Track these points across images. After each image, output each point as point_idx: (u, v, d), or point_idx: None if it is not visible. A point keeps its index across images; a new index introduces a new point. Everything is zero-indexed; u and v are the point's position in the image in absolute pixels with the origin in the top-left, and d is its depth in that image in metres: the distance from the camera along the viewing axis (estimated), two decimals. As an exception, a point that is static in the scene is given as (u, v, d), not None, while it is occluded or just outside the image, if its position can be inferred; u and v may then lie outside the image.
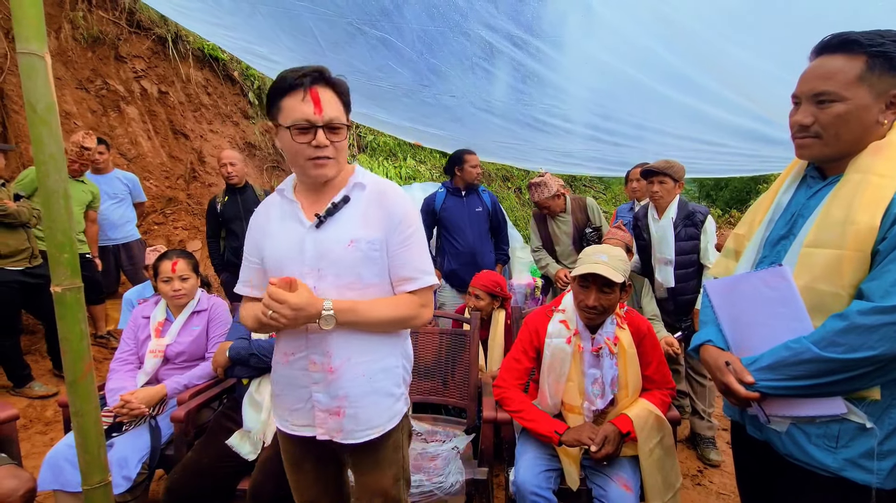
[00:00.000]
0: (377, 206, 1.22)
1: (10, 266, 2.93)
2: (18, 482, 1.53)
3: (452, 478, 1.83)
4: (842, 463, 0.99)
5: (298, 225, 1.21)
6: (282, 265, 1.20)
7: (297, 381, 1.22)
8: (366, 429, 1.22)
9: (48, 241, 0.92)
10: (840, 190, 1.02)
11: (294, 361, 1.22)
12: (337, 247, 1.18)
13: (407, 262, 1.23)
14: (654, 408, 1.71)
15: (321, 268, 1.18)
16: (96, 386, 0.99)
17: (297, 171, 1.24)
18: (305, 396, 1.22)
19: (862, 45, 0.99)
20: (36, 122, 0.88)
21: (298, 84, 1.14)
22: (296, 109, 1.14)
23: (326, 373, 1.19)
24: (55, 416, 3.04)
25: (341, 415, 1.20)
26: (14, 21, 0.87)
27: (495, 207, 3.54)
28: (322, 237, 1.19)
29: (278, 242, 1.22)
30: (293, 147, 1.16)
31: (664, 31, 2.37)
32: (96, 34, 4.47)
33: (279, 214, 1.26)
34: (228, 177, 3.48)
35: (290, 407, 1.25)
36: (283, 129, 1.16)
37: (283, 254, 1.21)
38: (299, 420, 1.25)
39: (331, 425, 1.21)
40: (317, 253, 1.18)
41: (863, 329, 0.92)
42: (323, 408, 1.21)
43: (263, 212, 1.31)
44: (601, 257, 1.69)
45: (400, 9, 2.54)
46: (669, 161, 2.70)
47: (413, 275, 1.24)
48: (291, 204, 1.25)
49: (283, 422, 1.29)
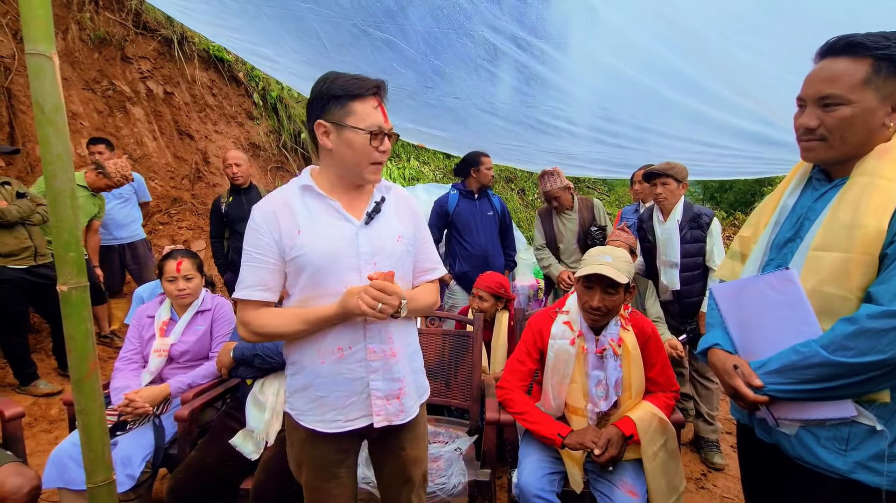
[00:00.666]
0: (404, 205, 1.36)
1: (12, 265, 2.94)
2: (23, 480, 1.54)
3: (455, 479, 1.83)
4: (852, 465, 0.99)
5: (346, 223, 1.24)
6: (335, 261, 1.21)
7: (352, 375, 1.24)
8: (415, 403, 1.35)
9: (54, 241, 0.92)
10: (847, 193, 1.02)
11: (350, 355, 1.24)
12: (389, 241, 1.27)
13: (429, 255, 1.41)
14: (658, 411, 1.70)
15: (377, 262, 1.25)
16: (101, 384, 0.99)
17: (348, 171, 1.25)
18: (360, 388, 1.25)
19: (867, 48, 0.99)
20: (43, 123, 0.88)
21: (371, 93, 1.21)
22: (370, 115, 1.20)
23: (388, 359, 1.27)
24: (60, 415, 3.06)
25: (401, 397, 1.29)
26: (22, 22, 0.88)
27: (504, 211, 3.54)
28: (373, 233, 1.26)
29: (326, 239, 1.21)
30: (364, 149, 1.20)
31: (668, 33, 2.36)
32: (103, 35, 4.50)
33: (309, 212, 1.23)
34: (234, 177, 3.49)
35: (342, 404, 1.25)
36: (353, 129, 1.19)
37: (334, 250, 1.21)
38: (353, 413, 1.25)
39: (390, 410, 1.27)
40: (372, 248, 1.25)
41: (873, 333, 0.91)
42: (382, 394, 1.26)
43: (284, 211, 1.22)
44: (605, 258, 1.68)
45: (404, 10, 2.55)
46: (671, 163, 2.69)
47: (434, 266, 1.42)
48: (325, 201, 1.24)
49: (329, 423, 1.25)
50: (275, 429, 1.84)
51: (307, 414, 1.27)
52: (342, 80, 1.20)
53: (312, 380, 1.25)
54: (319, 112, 1.21)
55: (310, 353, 1.25)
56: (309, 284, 1.23)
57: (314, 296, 1.23)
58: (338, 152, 1.22)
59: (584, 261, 1.74)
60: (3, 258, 2.90)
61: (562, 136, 3.82)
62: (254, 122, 5.85)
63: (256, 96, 5.85)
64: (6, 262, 2.92)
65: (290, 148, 6.17)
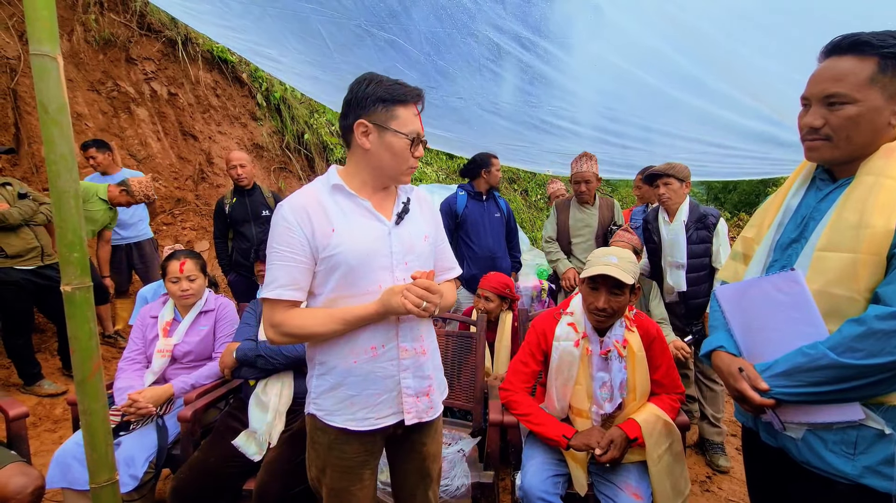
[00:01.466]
0: (427, 206, 1.41)
1: (19, 266, 2.95)
2: (27, 480, 1.55)
3: (458, 481, 1.82)
4: (861, 470, 0.97)
5: (378, 223, 1.26)
6: (369, 260, 1.22)
7: (384, 373, 1.26)
8: (441, 399, 1.40)
9: (59, 241, 0.92)
10: (853, 192, 1.01)
11: (383, 353, 1.26)
12: (418, 241, 1.31)
13: (448, 254, 1.47)
14: (663, 413, 1.69)
15: (409, 261, 1.28)
16: (104, 385, 0.99)
17: (382, 173, 1.26)
18: (391, 386, 1.27)
19: (873, 47, 0.97)
20: (48, 123, 0.88)
21: (414, 100, 1.24)
22: (412, 122, 1.23)
23: (419, 357, 1.30)
24: (64, 415, 3.07)
25: (430, 393, 1.33)
26: (27, 23, 0.88)
27: (510, 213, 3.52)
28: (403, 233, 1.29)
29: (360, 238, 1.22)
30: (404, 153, 1.23)
31: (673, 32, 2.35)
32: (108, 36, 4.53)
33: (342, 211, 1.23)
34: (238, 178, 3.49)
35: (373, 402, 1.26)
36: (395, 133, 1.20)
37: (369, 250, 1.22)
38: (384, 411, 1.27)
39: (420, 407, 1.30)
40: (403, 247, 1.28)
41: (881, 334, 0.90)
42: (412, 392, 1.29)
43: (317, 209, 1.21)
44: (611, 258, 1.67)
45: (408, 10, 2.54)
46: (670, 163, 2.68)
47: (452, 265, 1.48)
48: (356, 200, 1.25)
49: (361, 421, 1.25)
50: (277, 430, 1.84)
51: (337, 413, 1.26)
52: (387, 83, 1.21)
53: (343, 379, 1.25)
54: (361, 111, 1.21)
55: (341, 353, 1.25)
56: (340, 284, 1.22)
57: (346, 295, 1.22)
58: (376, 153, 1.23)
59: (590, 261, 1.73)
60: (10, 259, 2.92)
61: (566, 136, 3.81)
62: (257, 122, 5.86)
63: (260, 97, 5.86)
64: (13, 263, 2.93)
65: (293, 148, 6.18)
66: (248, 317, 2.09)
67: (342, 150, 6.78)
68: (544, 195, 9.80)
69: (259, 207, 3.56)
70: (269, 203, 3.63)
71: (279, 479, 1.69)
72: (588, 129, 3.68)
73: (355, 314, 1.20)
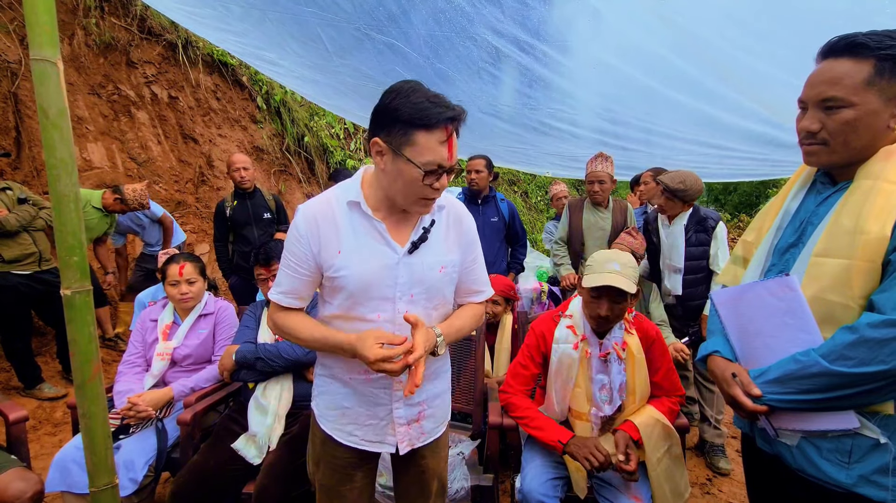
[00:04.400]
0: (455, 228, 1.25)
1: (16, 270, 2.96)
2: (27, 485, 1.55)
3: (458, 484, 1.82)
4: (855, 479, 0.96)
5: (388, 249, 1.15)
6: (370, 289, 1.15)
7: (377, 400, 1.23)
8: (440, 424, 1.34)
9: (58, 244, 0.93)
10: (850, 197, 0.99)
11: (377, 379, 1.21)
12: (431, 273, 1.19)
13: (478, 278, 1.34)
14: (662, 416, 1.69)
15: (415, 294, 1.18)
16: (104, 388, 0.99)
17: (394, 197, 1.14)
18: (383, 414, 1.23)
19: (870, 48, 0.95)
20: (48, 127, 0.89)
21: (444, 124, 1.04)
22: (433, 151, 1.05)
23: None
24: (64, 418, 3.07)
25: (421, 419, 1.27)
26: (28, 28, 0.88)
27: (513, 218, 3.44)
28: (415, 263, 1.17)
29: (365, 266, 1.14)
30: (415, 184, 1.07)
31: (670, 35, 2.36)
32: (108, 40, 4.54)
33: (353, 231, 1.15)
34: (241, 181, 3.50)
35: (363, 422, 1.24)
36: (407, 162, 1.05)
37: (372, 278, 1.14)
38: (371, 436, 1.24)
39: (412, 434, 1.26)
40: (411, 279, 1.17)
41: (873, 342, 0.89)
42: (404, 421, 1.24)
43: (328, 224, 1.15)
44: (613, 265, 1.65)
45: (407, 14, 2.55)
46: (686, 182, 2.58)
47: (482, 289, 1.36)
48: (371, 222, 1.15)
49: (348, 435, 1.25)
50: (277, 433, 1.84)
51: (327, 419, 1.27)
52: (416, 99, 1.03)
53: (340, 388, 1.24)
54: (380, 128, 1.08)
55: (340, 366, 1.23)
56: (343, 305, 1.18)
57: (344, 317, 1.19)
58: (388, 176, 1.11)
59: (590, 267, 1.71)
60: (8, 264, 2.92)
61: (565, 138, 3.81)
62: (257, 125, 5.87)
63: (260, 100, 5.88)
64: (10, 268, 2.93)
65: (293, 151, 6.19)
66: (247, 320, 2.10)
67: (342, 152, 6.79)
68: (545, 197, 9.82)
69: (260, 210, 3.57)
70: (269, 206, 3.64)
71: (279, 483, 1.69)
72: (588, 131, 3.68)
73: (336, 341, 1.15)
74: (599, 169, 3.01)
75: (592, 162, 3.05)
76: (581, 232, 3.12)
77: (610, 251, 1.79)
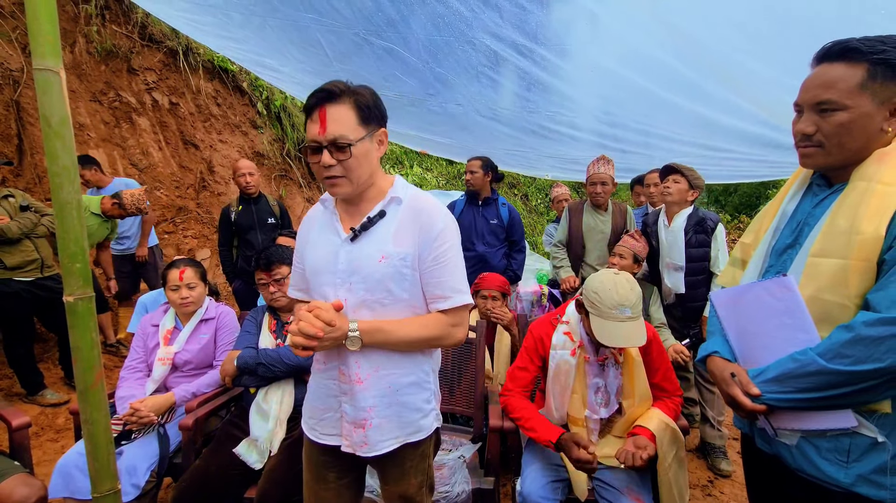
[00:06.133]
0: (412, 220, 1.19)
1: (18, 277, 2.97)
2: (30, 490, 1.55)
3: (458, 487, 1.82)
4: (854, 478, 0.96)
5: (335, 236, 1.23)
6: (318, 275, 1.24)
7: (328, 391, 1.25)
8: (389, 439, 1.22)
9: (61, 251, 0.93)
10: (845, 198, 1.01)
11: (326, 370, 1.25)
12: (369, 261, 1.17)
13: (441, 281, 1.19)
14: (670, 420, 1.70)
15: (352, 283, 1.18)
16: (107, 394, 1.00)
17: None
18: (335, 406, 1.25)
19: (863, 53, 0.98)
20: (50, 136, 0.90)
21: (312, 105, 1.14)
22: (309, 130, 1.15)
23: (355, 384, 1.19)
24: (66, 424, 3.07)
25: (366, 427, 1.20)
26: (30, 38, 0.89)
27: (513, 224, 3.43)
28: (355, 251, 1.19)
29: (316, 252, 1.25)
30: (313, 167, 1.18)
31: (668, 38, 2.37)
32: (110, 48, 4.57)
33: (320, 224, 1.29)
34: (247, 186, 3.52)
35: (319, 416, 1.28)
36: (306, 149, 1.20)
37: (319, 264, 1.23)
38: (327, 429, 1.27)
39: (355, 439, 1.21)
40: (349, 266, 1.18)
41: (869, 340, 0.90)
42: (350, 419, 1.22)
43: (308, 221, 1.34)
44: (625, 311, 1.56)
45: (406, 19, 2.57)
46: (692, 169, 2.66)
47: (445, 294, 1.20)
48: (332, 215, 1.27)
49: (311, 430, 1.30)
50: (278, 438, 1.84)
51: (304, 416, 1.34)
52: None
53: (310, 384, 1.33)
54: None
55: (314, 360, 1.31)
56: (307, 292, 1.34)
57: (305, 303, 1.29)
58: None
59: (596, 308, 1.60)
60: (10, 271, 2.93)
61: (564, 140, 3.83)
62: (258, 130, 5.90)
63: (260, 105, 5.91)
64: (12, 275, 2.94)
65: (293, 156, 6.21)
66: (248, 325, 2.10)
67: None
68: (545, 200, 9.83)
69: (265, 215, 3.59)
70: (274, 211, 3.65)
71: (280, 487, 1.69)
72: (587, 133, 3.70)
73: None
74: (602, 171, 3.03)
75: (594, 164, 3.06)
76: (581, 235, 3.14)
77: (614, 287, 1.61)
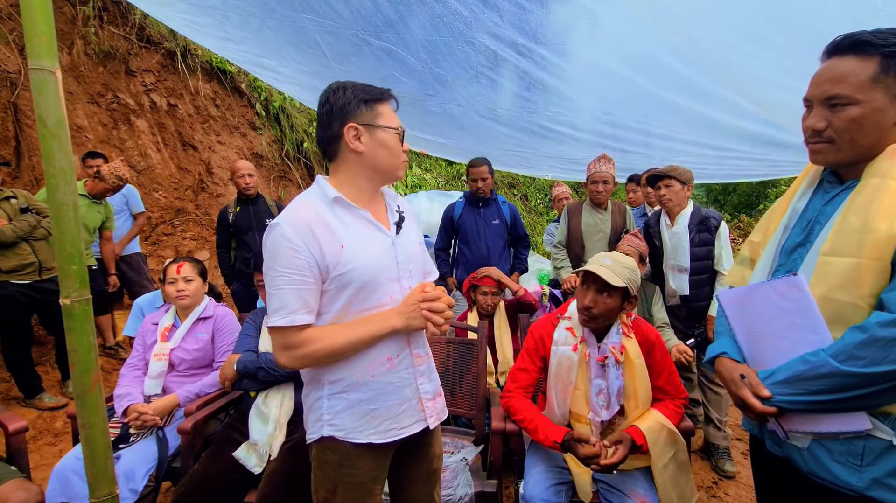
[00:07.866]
0: (411, 213, 1.39)
1: (15, 280, 2.94)
2: (27, 495, 1.53)
3: (461, 490, 1.80)
4: (868, 482, 0.94)
5: (381, 233, 1.25)
6: (379, 273, 1.21)
7: (403, 382, 1.27)
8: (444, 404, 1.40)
9: (57, 254, 0.92)
10: (857, 195, 0.98)
11: (399, 362, 1.26)
12: (413, 248, 1.32)
13: (428, 258, 1.44)
14: (667, 421, 1.67)
15: (411, 270, 1.29)
16: (104, 398, 0.99)
17: (380, 172, 1.25)
18: (410, 394, 1.28)
19: (875, 46, 0.95)
20: (46, 137, 0.89)
21: (389, 98, 1.27)
22: (394, 117, 1.26)
23: (429, 362, 1.35)
24: (64, 428, 3.05)
25: (438, 395, 1.36)
26: (26, 38, 0.88)
27: (515, 221, 3.45)
28: (404, 241, 1.29)
29: (370, 252, 1.19)
30: (397, 147, 1.25)
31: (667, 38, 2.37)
32: (107, 49, 4.56)
33: (345, 226, 1.18)
34: (245, 188, 3.50)
35: (395, 413, 1.25)
36: (385, 129, 1.22)
37: (378, 262, 1.21)
38: (407, 420, 1.27)
39: (438, 408, 1.34)
40: (406, 256, 1.29)
41: (884, 342, 0.87)
42: (430, 396, 1.32)
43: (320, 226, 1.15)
44: (605, 261, 1.68)
45: (405, 20, 2.56)
46: (673, 166, 2.68)
47: (432, 269, 1.45)
48: (357, 212, 1.22)
49: (384, 433, 1.23)
50: (278, 442, 1.82)
51: (359, 430, 1.22)
52: (360, 86, 1.23)
53: (363, 395, 1.21)
54: (347, 116, 1.20)
55: (356, 368, 1.20)
56: (352, 300, 1.18)
57: (358, 310, 1.19)
58: (371, 153, 1.22)
59: (589, 261, 1.75)
60: (6, 274, 2.91)
61: (564, 140, 3.82)
62: (256, 132, 5.89)
63: (259, 107, 5.89)
64: (8, 278, 2.92)
65: (292, 157, 6.20)
66: (247, 327, 2.09)
67: (341, 157, 6.80)
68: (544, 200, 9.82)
69: (263, 216, 3.58)
70: (272, 212, 3.64)
71: (280, 491, 1.67)
72: (586, 133, 3.69)
73: (379, 329, 1.19)
74: (604, 170, 3.03)
75: (595, 163, 3.06)
76: (580, 235, 3.13)
77: (613, 252, 1.81)
